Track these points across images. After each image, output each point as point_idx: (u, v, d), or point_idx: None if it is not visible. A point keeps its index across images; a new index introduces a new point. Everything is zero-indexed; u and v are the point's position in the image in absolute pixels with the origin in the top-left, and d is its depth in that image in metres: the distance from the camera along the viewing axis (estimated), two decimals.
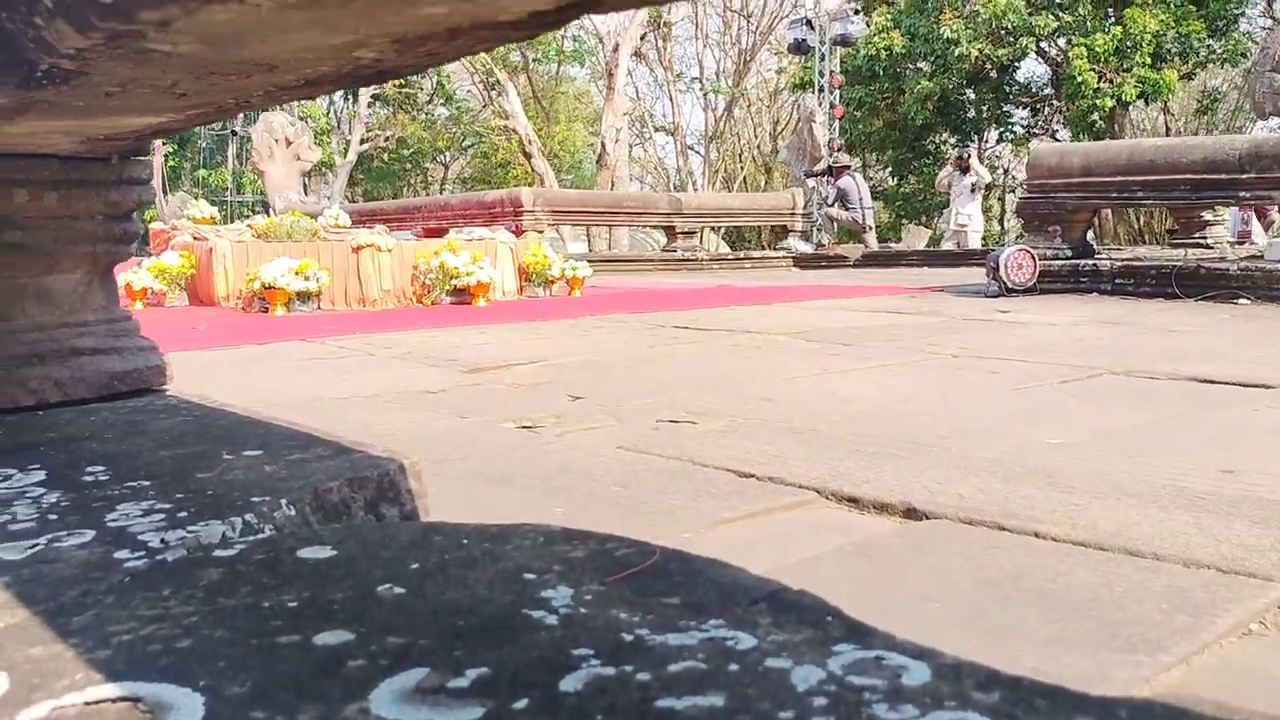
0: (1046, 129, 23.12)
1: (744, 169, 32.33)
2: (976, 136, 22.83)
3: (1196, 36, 18.39)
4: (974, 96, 21.95)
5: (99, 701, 0.76)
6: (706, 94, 32.38)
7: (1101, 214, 12.46)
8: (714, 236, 25.66)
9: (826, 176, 16.61)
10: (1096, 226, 14.38)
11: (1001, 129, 23.17)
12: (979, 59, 19.65)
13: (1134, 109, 21.26)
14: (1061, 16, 19.29)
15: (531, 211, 13.34)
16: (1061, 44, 20.50)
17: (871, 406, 3.20)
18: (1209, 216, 8.68)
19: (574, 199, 16.15)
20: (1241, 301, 6.90)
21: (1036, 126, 23.24)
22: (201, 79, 1.05)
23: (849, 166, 16.68)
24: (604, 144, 25.12)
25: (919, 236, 22.45)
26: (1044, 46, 20.98)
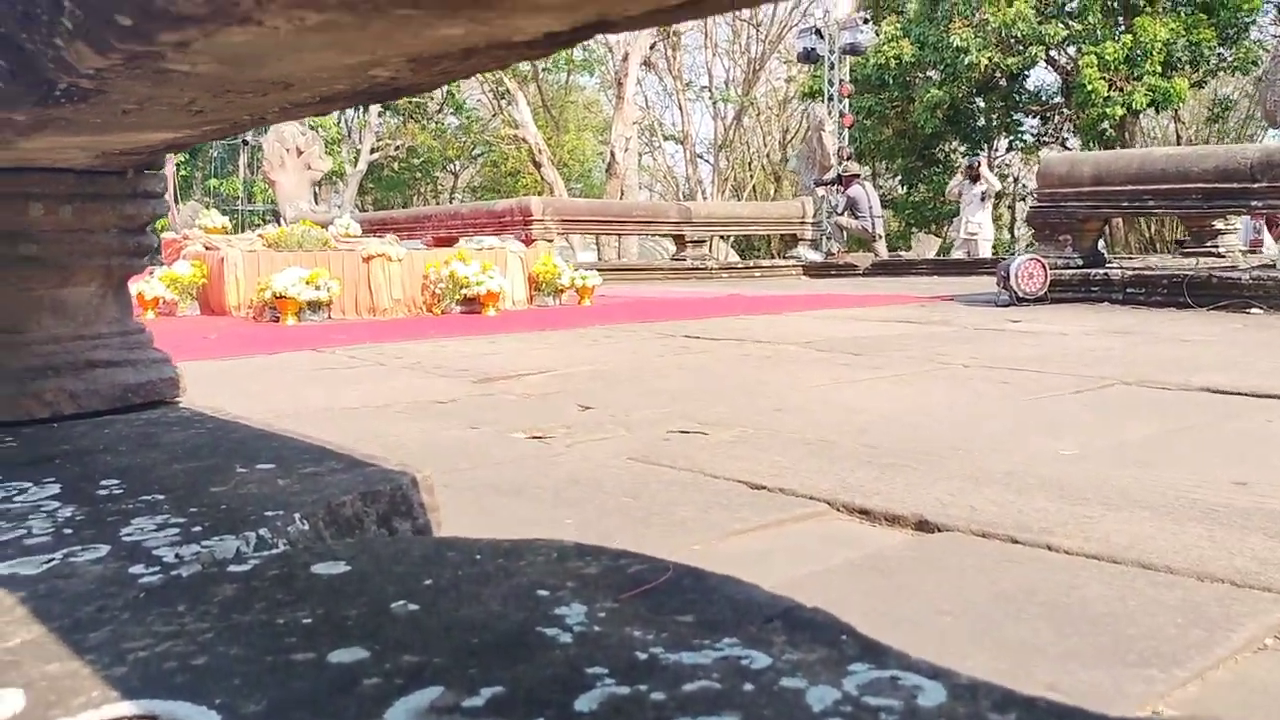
0: (1056, 137, 23.09)
1: (753, 177, 32.36)
2: (986, 145, 22.81)
3: (1207, 44, 18.35)
4: (984, 105, 21.94)
5: None
6: (716, 103, 32.46)
7: (1112, 223, 12.43)
8: (723, 245, 25.69)
9: (836, 185, 16.61)
10: (1107, 235, 14.35)
11: (1011, 137, 23.15)
12: (989, 67, 19.65)
13: (1144, 117, 21.23)
14: (1071, 25, 19.27)
15: (541, 220, 13.37)
16: (1071, 52, 20.49)
17: (882, 417, 3.19)
18: (1221, 225, 8.66)
19: (583, 208, 16.21)
20: (1254, 311, 6.87)
21: (1046, 135, 23.21)
22: (218, 97, 1.05)
23: (859, 175, 16.68)
24: (613, 153, 25.18)
25: (929, 245, 22.45)
26: (1054, 55, 20.96)
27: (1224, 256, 8.45)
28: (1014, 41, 19.20)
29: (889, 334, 5.91)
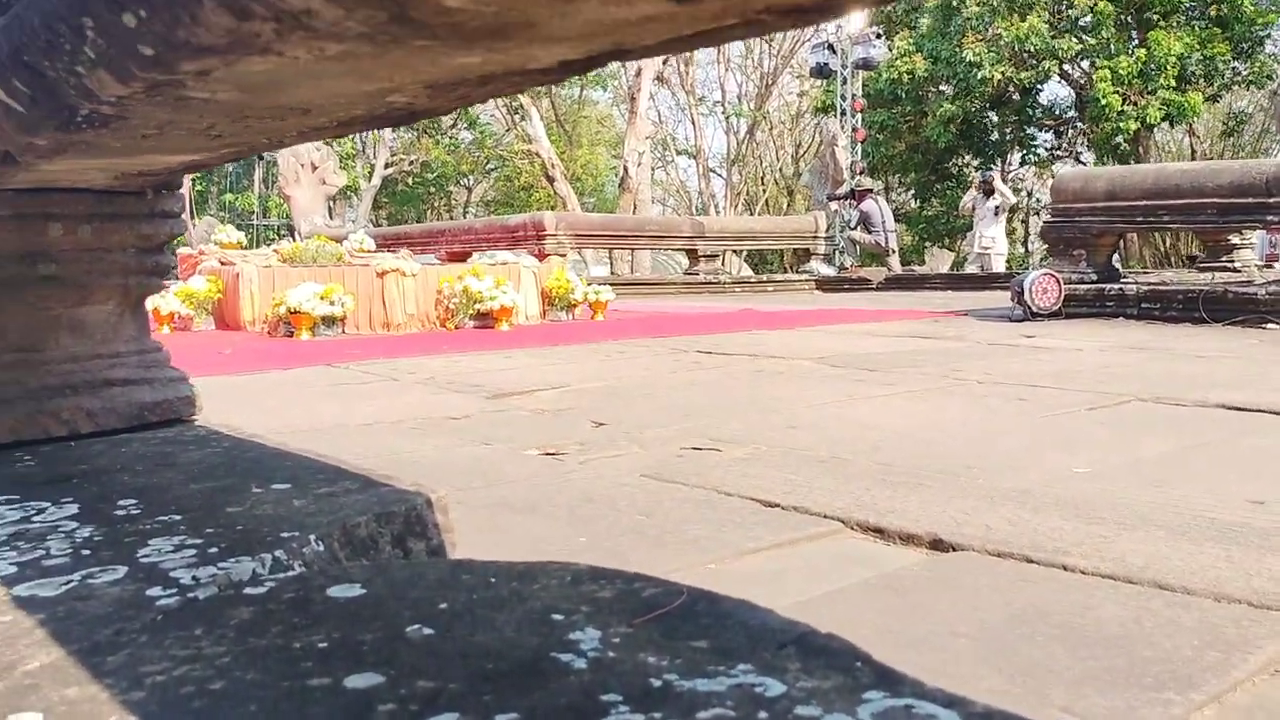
0: (1070, 152, 23.05)
1: (766, 192, 32.38)
2: (999, 159, 22.78)
3: (1221, 59, 18.31)
4: (997, 119, 21.93)
5: None
6: (728, 117, 32.52)
7: (1126, 238, 12.40)
8: (736, 259, 25.71)
9: (849, 199, 16.63)
10: (1121, 250, 14.31)
11: (1025, 152, 23.10)
12: (1002, 82, 19.64)
13: (1158, 132, 21.16)
14: (1085, 39, 19.26)
15: (554, 235, 13.40)
16: (1085, 66, 20.47)
17: (896, 434, 3.19)
18: (1236, 240, 8.62)
19: (597, 222, 16.24)
20: (1270, 326, 6.84)
21: (1060, 149, 23.18)
22: (237, 122, 1.06)
23: (872, 189, 16.70)
24: (626, 167, 25.23)
25: (942, 259, 22.43)
26: (1067, 69, 20.94)
27: (1239, 272, 8.42)
28: (1027, 56, 19.19)
29: (902, 349, 5.90)
